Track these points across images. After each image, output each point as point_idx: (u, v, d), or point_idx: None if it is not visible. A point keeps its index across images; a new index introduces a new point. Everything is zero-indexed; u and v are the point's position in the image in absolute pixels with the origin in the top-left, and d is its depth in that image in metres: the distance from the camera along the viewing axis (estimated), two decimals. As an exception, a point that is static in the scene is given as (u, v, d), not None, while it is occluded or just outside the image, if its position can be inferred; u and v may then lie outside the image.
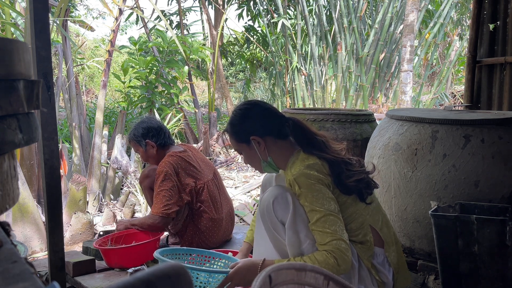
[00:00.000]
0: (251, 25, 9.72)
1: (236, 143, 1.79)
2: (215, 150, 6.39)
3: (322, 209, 1.53)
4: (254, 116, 1.77)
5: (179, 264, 0.59)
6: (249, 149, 1.76)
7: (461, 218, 1.78)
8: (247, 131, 1.74)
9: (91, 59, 9.76)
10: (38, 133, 0.74)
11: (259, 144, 1.73)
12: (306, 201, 1.56)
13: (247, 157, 1.80)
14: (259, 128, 1.74)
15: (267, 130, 1.74)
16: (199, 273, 1.61)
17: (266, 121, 1.75)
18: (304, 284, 1.28)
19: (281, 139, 1.75)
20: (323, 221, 1.52)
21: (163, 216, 2.35)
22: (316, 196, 1.55)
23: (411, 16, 6.32)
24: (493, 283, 1.77)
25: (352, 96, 7.34)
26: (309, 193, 1.55)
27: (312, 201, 1.55)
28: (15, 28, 4.02)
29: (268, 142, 1.73)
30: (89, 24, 5.88)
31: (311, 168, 1.59)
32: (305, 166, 1.59)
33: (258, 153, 1.74)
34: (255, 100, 1.95)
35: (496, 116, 2.16)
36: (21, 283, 0.52)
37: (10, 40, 0.66)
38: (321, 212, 1.53)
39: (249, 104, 1.84)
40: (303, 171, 1.58)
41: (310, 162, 1.61)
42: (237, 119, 1.78)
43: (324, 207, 1.53)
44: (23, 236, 3.06)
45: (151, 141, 2.54)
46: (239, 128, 1.77)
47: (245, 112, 1.79)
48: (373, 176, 1.74)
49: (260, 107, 1.80)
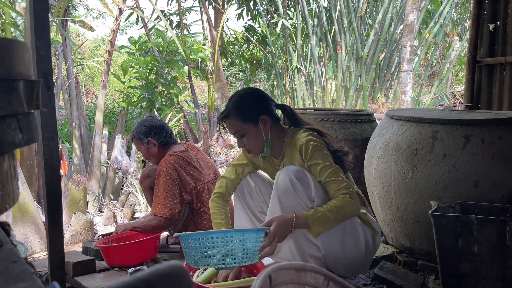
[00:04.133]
0: (251, 25, 9.72)
1: (241, 123, 1.90)
2: (215, 150, 6.39)
3: (331, 164, 1.82)
4: (259, 98, 1.95)
5: (179, 264, 0.59)
6: (254, 129, 1.91)
7: (461, 218, 1.78)
8: (255, 110, 1.90)
9: (91, 59, 9.77)
10: (38, 133, 0.74)
11: (265, 124, 1.92)
12: (318, 159, 1.82)
13: (251, 138, 1.92)
14: (265, 108, 1.93)
15: (270, 112, 1.94)
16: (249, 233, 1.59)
17: (267, 103, 1.95)
18: (304, 284, 1.27)
19: (277, 121, 1.98)
20: (334, 173, 1.80)
21: (167, 217, 2.34)
22: (325, 155, 1.84)
23: (411, 16, 6.33)
24: (493, 283, 1.76)
25: (352, 96, 7.34)
26: (320, 152, 1.83)
27: (324, 159, 1.82)
28: (15, 28, 4.02)
29: (271, 122, 1.94)
30: (89, 24, 5.88)
31: (314, 136, 1.88)
32: (310, 134, 1.88)
33: (263, 133, 1.91)
34: (251, 86, 2.13)
35: (496, 116, 2.16)
36: (21, 283, 0.52)
37: (10, 40, 0.66)
38: (332, 166, 1.81)
39: (249, 89, 2.07)
40: (310, 138, 1.85)
41: (310, 133, 1.90)
42: (243, 101, 1.92)
43: (332, 163, 1.83)
44: (23, 236, 3.05)
45: (153, 139, 2.54)
46: (247, 108, 1.90)
47: (250, 94, 1.96)
48: (348, 159, 1.99)
49: (260, 91, 2.02)
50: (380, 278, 2.10)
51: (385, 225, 2.41)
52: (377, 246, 1.95)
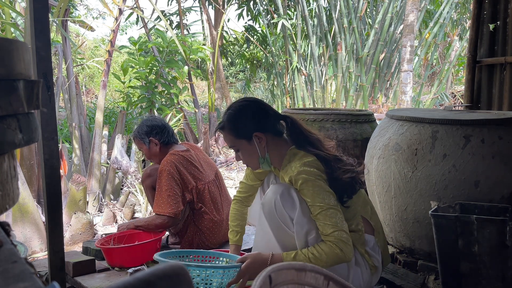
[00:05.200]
0: (251, 25, 9.72)
1: (235, 139, 1.79)
2: (215, 150, 6.39)
3: (322, 204, 1.62)
4: (255, 112, 1.80)
5: (179, 264, 0.59)
6: (249, 145, 1.78)
7: (461, 218, 1.78)
8: (249, 127, 1.76)
9: (91, 59, 9.77)
10: (38, 133, 0.74)
11: (260, 141, 1.77)
12: (307, 196, 1.65)
13: (246, 154, 1.80)
14: (261, 125, 1.77)
15: (267, 127, 1.78)
16: (214, 270, 1.61)
17: (266, 117, 1.79)
18: (304, 284, 1.28)
19: (278, 136, 1.81)
20: (324, 215, 1.61)
21: (171, 216, 2.34)
22: (317, 192, 1.63)
23: (411, 16, 6.33)
24: (493, 283, 1.76)
25: (352, 96, 7.34)
26: (311, 189, 1.64)
27: (314, 196, 1.63)
28: (15, 28, 4.02)
29: (267, 138, 1.78)
30: (89, 24, 5.88)
31: (310, 165, 1.67)
32: (304, 164, 1.67)
33: (258, 150, 1.77)
34: (251, 97, 1.98)
35: (496, 116, 2.16)
36: (21, 283, 0.52)
37: (10, 40, 0.66)
38: (322, 206, 1.62)
39: (247, 101, 1.86)
40: (304, 169, 1.66)
41: (309, 160, 1.69)
42: (238, 115, 1.78)
43: (324, 201, 1.63)
44: (23, 236, 3.05)
45: (155, 139, 2.54)
46: (240, 124, 1.77)
47: (246, 108, 1.80)
48: (362, 176, 1.83)
49: (259, 104, 1.84)
50: (380, 278, 2.10)
51: (385, 225, 2.40)
52: (373, 282, 1.80)
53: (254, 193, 2.09)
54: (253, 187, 2.06)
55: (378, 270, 1.79)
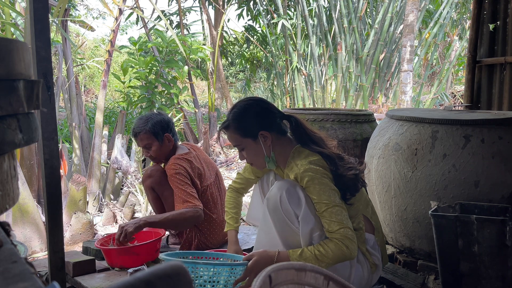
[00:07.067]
0: (251, 25, 9.72)
1: (240, 138, 1.80)
2: (215, 150, 6.39)
3: (328, 201, 1.64)
4: (260, 111, 1.81)
5: (179, 264, 0.59)
6: (254, 144, 1.79)
7: (461, 218, 1.78)
8: (255, 126, 1.77)
9: (91, 59, 9.76)
10: (38, 133, 0.74)
11: (266, 139, 1.78)
12: (313, 194, 1.66)
13: (251, 153, 1.81)
14: (266, 123, 1.79)
15: (272, 126, 1.80)
16: (221, 268, 1.61)
17: (271, 116, 1.81)
18: (304, 284, 1.28)
19: (282, 135, 1.82)
20: (330, 212, 1.63)
21: (201, 208, 2.31)
22: (322, 189, 1.65)
23: (411, 16, 6.33)
24: (493, 283, 1.77)
25: (352, 96, 7.34)
26: (317, 186, 1.65)
27: (319, 194, 1.65)
28: (15, 28, 4.02)
29: (273, 137, 1.79)
30: (89, 24, 5.87)
31: (316, 164, 1.69)
32: (310, 162, 1.69)
33: (264, 148, 1.79)
34: (256, 96, 1.98)
35: (496, 116, 2.16)
36: (21, 283, 0.52)
37: (10, 40, 0.66)
38: (328, 204, 1.63)
39: (252, 100, 1.88)
40: (310, 167, 1.67)
41: (314, 158, 1.71)
42: (243, 114, 1.80)
43: (330, 199, 1.64)
44: (23, 236, 3.05)
45: (170, 135, 2.48)
46: (246, 123, 1.79)
47: (251, 107, 1.82)
48: (363, 175, 1.84)
49: (264, 103, 1.85)
50: (380, 278, 2.10)
51: (385, 225, 2.41)
52: (374, 281, 1.81)
53: (249, 187, 2.12)
54: (249, 181, 2.10)
55: (378, 269, 1.80)
